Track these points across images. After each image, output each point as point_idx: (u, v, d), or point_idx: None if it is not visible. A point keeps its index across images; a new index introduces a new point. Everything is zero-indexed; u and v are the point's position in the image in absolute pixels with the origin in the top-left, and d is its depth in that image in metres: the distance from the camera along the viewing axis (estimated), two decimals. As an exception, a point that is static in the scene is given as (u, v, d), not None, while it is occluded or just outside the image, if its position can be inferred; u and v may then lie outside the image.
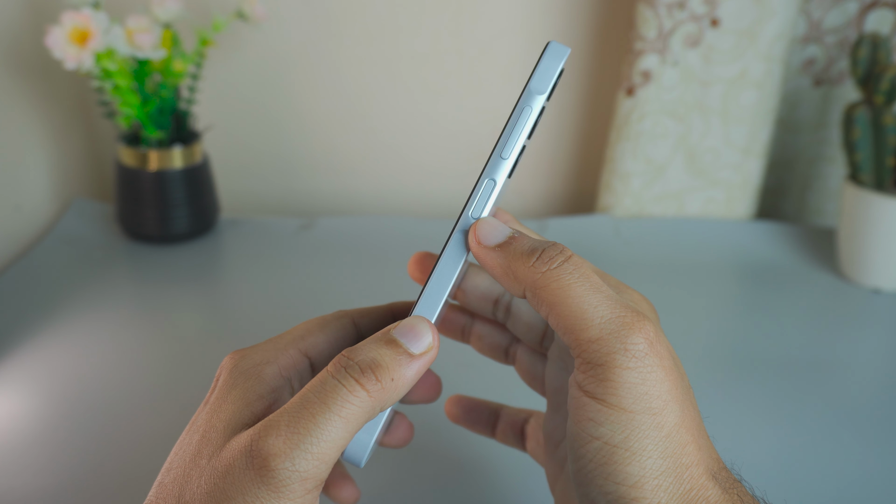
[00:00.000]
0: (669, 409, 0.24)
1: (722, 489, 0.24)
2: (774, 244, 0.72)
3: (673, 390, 0.24)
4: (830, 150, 0.76)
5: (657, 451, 0.23)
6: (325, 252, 0.67)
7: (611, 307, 0.24)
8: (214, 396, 0.27)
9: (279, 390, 0.27)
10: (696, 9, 0.67)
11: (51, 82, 0.69)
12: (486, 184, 0.27)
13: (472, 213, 0.27)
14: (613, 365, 0.23)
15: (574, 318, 0.24)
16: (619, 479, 0.23)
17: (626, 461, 0.23)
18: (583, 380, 0.24)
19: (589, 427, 0.24)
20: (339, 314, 0.30)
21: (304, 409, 0.23)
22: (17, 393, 0.46)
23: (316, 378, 0.24)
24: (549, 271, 0.25)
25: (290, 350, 0.28)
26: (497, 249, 0.26)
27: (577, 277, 0.25)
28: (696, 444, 0.24)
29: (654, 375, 0.24)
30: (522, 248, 0.26)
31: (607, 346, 0.24)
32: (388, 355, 0.24)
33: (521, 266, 0.25)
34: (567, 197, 0.83)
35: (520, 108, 0.27)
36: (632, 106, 0.70)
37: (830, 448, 0.45)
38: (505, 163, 0.27)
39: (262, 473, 0.22)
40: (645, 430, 0.23)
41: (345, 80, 0.75)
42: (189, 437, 0.26)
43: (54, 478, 0.39)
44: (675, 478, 0.23)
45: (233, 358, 0.28)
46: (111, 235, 0.68)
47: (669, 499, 0.23)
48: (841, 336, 0.57)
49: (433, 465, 0.41)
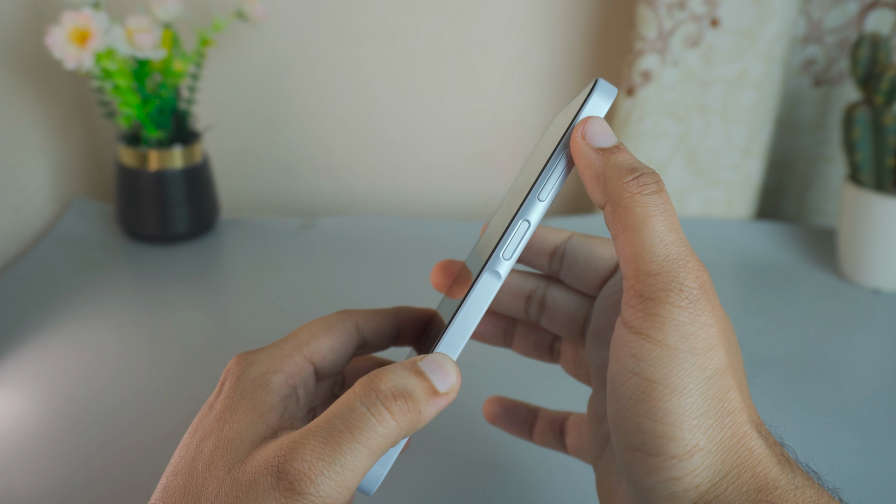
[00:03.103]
0: (714, 352, 0.23)
1: (766, 444, 0.23)
2: (774, 244, 0.72)
3: (720, 336, 0.24)
4: (830, 150, 0.76)
5: (698, 390, 0.23)
6: (325, 252, 0.67)
7: (679, 248, 0.24)
8: (222, 403, 0.27)
9: (287, 399, 0.27)
10: (696, 9, 0.67)
11: (51, 82, 0.69)
12: (520, 224, 0.26)
13: (503, 254, 0.26)
14: (665, 301, 0.23)
15: (642, 248, 0.24)
16: (657, 417, 0.23)
17: (664, 397, 0.22)
18: (630, 315, 0.24)
19: (630, 363, 0.23)
20: (342, 316, 0.30)
21: (331, 436, 0.23)
22: (17, 393, 0.46)
23: (343, 401, 0.24)
24: (639, 195, 0.24)
25: (295, 357, 0.28)
26: (599, 152, 0.25)
27: (660, 211, 0.24)
28: (740, 391, 0.24)
29: (702, 318, 0.23)
30: (623, 163, 0.25)
31: (663, 282, 0.23)
32: (418, 386, 0.24)
33: (616, 180, 0.25)
34: (567, 197, 0.83)
35: (560, 151, 0.26)
36: (632, 106, 0.70)
37: (830, 448, 0.44)
38: (542, 205, 0.26)
39: (288, 495, 0.22)
40: (687, 368, 0.23)
41: (345, 80, 0.75)
42: (196, 442, 0.26)
43: (54, 478, 0.39)
44: (716, 420, 0.23)
45: (239, 364, 0.28)
46: (111, 235, 0.68)
47: (709, 441, 0.22)
48: (841, 336, 0.57)
49: (431, 465, 0.41)
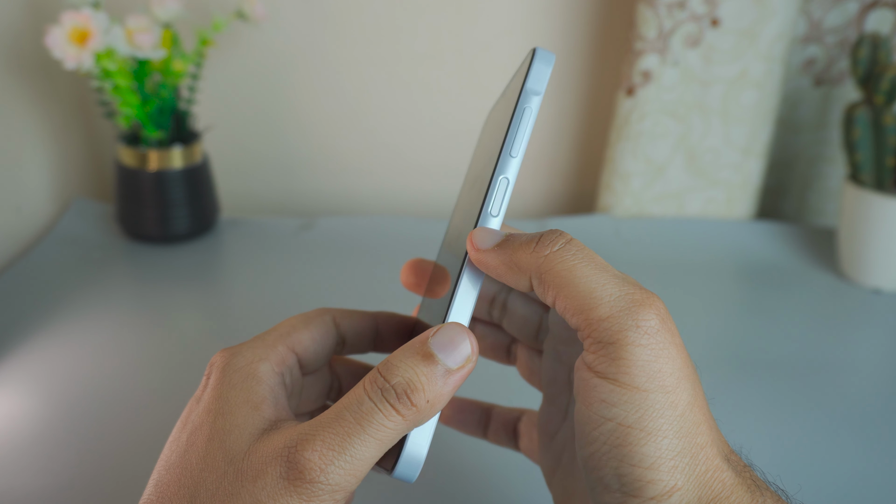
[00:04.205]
0: (682, 387, 0.23)
1: (735, 472, 0.24)
2: (774, 244, 0.72)
3: (684, 368, 0.24)
4: (830, 150, 0.76)
5: (672, 430, 0.23)
6: (325, 252, 0.67)
7: (619, 285, 0.24)
8: (210, 395, 0.27)
9: (276, 388, 0.27)
10: (696, 9, 0.67)
11: (51, 82, 0.69)
12: (500, 181, 0.26)
13: (491, 210, 0.26)
14: (625, 342, 0.23)
15: (582, 298, 0.24)
16: (634, 461, 0.23)
17: (641, 442, 0.23)
18: (593, 360, 0.23)
19: (601, 408, 0.23)
20: (319, 311, 0.31)
21: (341, 428, 0.23)
22: (17, 393, 0.46)
23: (352, 395, 0.24)
24: (552, 254, 0.24)
25: (278, 346, 0.28)
26: (496, 248, 0.26)
27: (581, 258, 0.24)
28: (708, 424, 0.24)
29: (666, 352, 0.23)
30: (521, 239, 0.25)
31: (618, 324, 0.23)
32: (423, 374, 0.24)
33: (524, 254, 0.25)
34: (567, 197, 0.83)
35: (521, 109, 0.27)
36: (632, 106, 0.70)
37: (830, 448, 0.44)
38: (515, 161, 0.26)
39: (298, 484, 0.23)
40: (659, 409, 0.23)
41: (344, 81, 0.75)
42: (186, 435, 0.26)
43: (54, 478, 0.39)
44: (690, 458, 0.23)
45: (223, 356, 0.28)
46: (111, 235, 0.68)
47: (686, 480, 0.23)
48: (841, 336, 0.57)
49: (425, 468, 0.41)
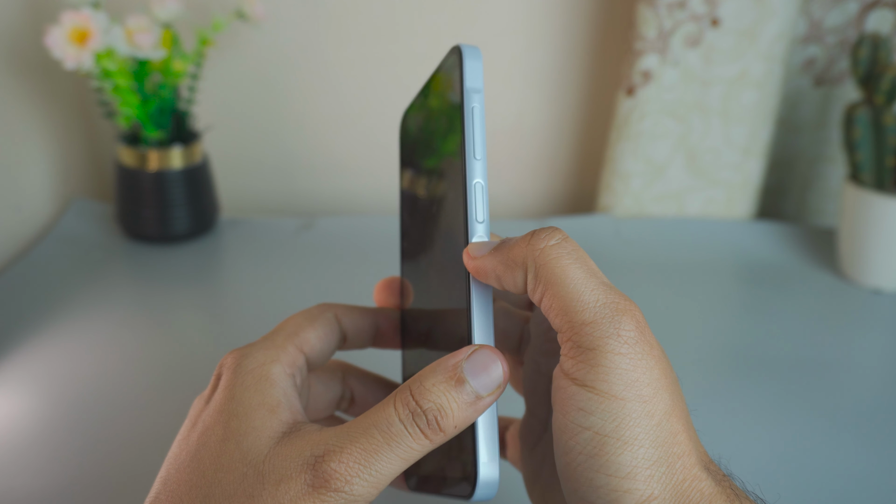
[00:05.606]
0: (660, 396, 0.23)
1: (714, 481, 0.23)
2: (774, 244, 0.72)
3: (662, 378, 0.24)
4: (830, 150, 0.76)
5: (648, 439, 0.23)
6: (325, 252, 0.67)
7: (605, 292, 0.24)
8: (222, 396, 0.27)
9: (289, 390, 0.27)
10: (696, 9, 0.67)
11: (51, 82, 0.69)
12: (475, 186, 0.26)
13: (476, 217, 0.26)
14: (606, 349, 0.23)
15: (570, 300, 0.24)
16: (611, 471, 0.23)
17: (617, 451, 0.22)
18: (571, 366, 0.24)
19: (578, 417, 0.23)
20: (322, 307, 0.31)
21: (369, 444, 0.24)
22: (16, 393, 0.46)
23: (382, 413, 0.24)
24: (547, 247, 0.25)
25: (288, 347, 0.28)
26: (492, 251, 0.26)
27: (574, 259, 0.25)
28: (686, 433, 0.24)
29: (644, 362, 0.23)
30: (515, 239, 0.26)
31: (600, 330, 0.23)
32: (454, 400, 0.24)
33: (519, 249, 0.25)
34: (567, 197, 0.83)
35: (468, 111, 0.26)
36: (632, 106, 0.70)
37: (830, 448, 0.44)
38: (480, 163, 0.26)
39: (322, 492, 0.23)
40: (636, 417, 0.23)
41: (344, 81, 0.75)
42: (197, 435, 0.26)
43: (54, 478, 0.39)
44: (667, 468, 0.23)
45: (234, 357, 0.28)
46: (111, 235, 0.68)
47: (662, 489, 0.23)
48: (841, 336, 0.57)
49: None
